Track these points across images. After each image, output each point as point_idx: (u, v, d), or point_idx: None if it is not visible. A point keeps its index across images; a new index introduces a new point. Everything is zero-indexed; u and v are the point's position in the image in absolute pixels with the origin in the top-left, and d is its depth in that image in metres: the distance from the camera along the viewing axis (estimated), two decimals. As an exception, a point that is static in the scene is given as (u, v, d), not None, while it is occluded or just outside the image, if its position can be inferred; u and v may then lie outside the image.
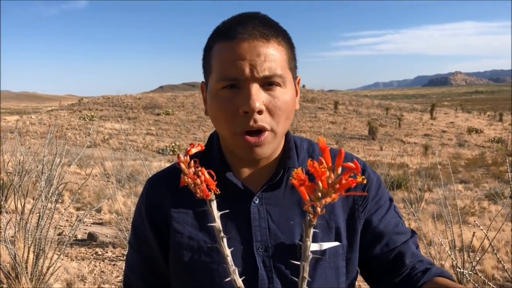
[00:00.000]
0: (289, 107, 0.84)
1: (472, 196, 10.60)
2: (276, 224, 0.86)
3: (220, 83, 0.81)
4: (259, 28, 0.81)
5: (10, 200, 5.30)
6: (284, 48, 0.84)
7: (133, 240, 0.97)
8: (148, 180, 0.98)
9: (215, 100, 0.83)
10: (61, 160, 4.09)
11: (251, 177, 0.90)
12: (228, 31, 0.82)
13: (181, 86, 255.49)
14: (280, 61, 0.82)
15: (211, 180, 0.58)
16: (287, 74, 0.83)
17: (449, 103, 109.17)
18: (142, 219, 0.93)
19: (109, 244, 5.28)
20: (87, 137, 24.19)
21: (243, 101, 0.79)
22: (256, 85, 0.80)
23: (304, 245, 0.53)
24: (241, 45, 0.79)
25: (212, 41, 0.85)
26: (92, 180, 9.92)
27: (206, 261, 0.86)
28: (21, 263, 3.45)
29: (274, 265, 0.84)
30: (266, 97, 0.81)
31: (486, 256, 4.81)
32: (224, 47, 0.81)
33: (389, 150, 25.15)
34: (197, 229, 0.87)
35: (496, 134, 33.80)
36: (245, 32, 0.80)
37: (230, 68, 0.80)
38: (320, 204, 0.50)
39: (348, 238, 0.90)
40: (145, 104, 38.24)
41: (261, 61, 0.79)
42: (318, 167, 0.48)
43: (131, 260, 0.98)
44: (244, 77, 0.79)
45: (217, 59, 0.82)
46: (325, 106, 41.26)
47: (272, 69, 0.80)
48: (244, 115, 0.80)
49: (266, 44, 0.80)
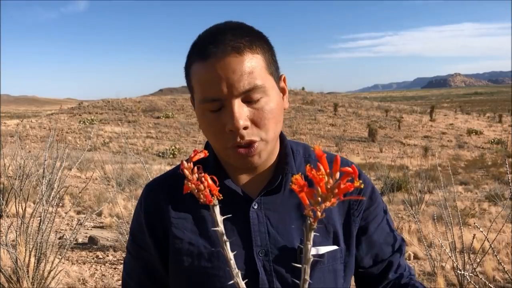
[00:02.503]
0: (275, 113, 0.84)
1: (472, 197, 10.60)
2: (275, 228, 0.88)
3: (203, 104, 0.82)
4: (231, 43, 0.80)
5: (11, 204, 5.30)
6: (261, 55, 0.83)
7: (131, 246, 0.97)
8: (146, 186, 0.97)
9: (203, 119, 0.84)
10: (62, 163, 4.10)
11: (248, 183, 0.92)
12: (202, 50, 0.81)
13: (181, 89, 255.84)
14: (258, 71, 0.81)
15: (214, 185, 0.60)
16: (268, 81, 0.83)
17: (449, 104, 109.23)
18: (140, 225, 0.93)
19: (110, 248, 5.29)
20: (87, 141, 24.20)
21: (227, 120, 0.80)
22: (237, 101, 0.79)
23: (305, 248, 0.55)
24: (215, 65, 0.79)
25: (189, 60, 0.85)
26: (93, 184, 9.93)
27: (206, 267, 0.86)
28: (22, 267, 3.46)
29: (275, 269, 0.86)
30: (249, 111, 0.81)
31: (486, 258, 4.82)
32: (200, 68, 0.81)
33: (389, 152, 25.17)
34: (197, 235, 0.88)
35: (495, 135, 33.82)
36: (217, 50, 0.79)
37: (209, 89, 0.80)
38: (320, 208, 0.52)
39: (345, 242, 0.92)
40: (144, 107, 38.26)
41: (238, 77, 0.78)
42: (316, 173, 0.50)
43: (129, 266, 0.98)
44: (223, 96, 0.79)
45: (196, 80, 0.83)
46: (324, 108, 41.29)
47: (251, 83, 0.79)
48: (230, 133, 0.80)
49: (240, 58, 0.79)
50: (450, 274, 4.76)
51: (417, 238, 5.99)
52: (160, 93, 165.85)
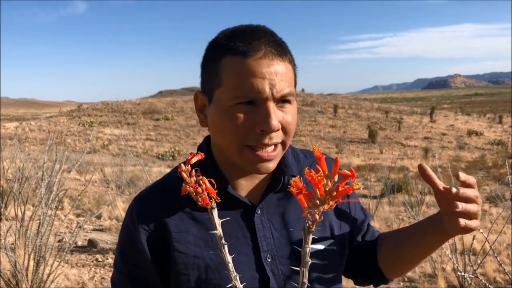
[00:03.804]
0: (295, 122, 0.87)
1: (473, 198, 10.57)
2: (278, 231, 0.88)
3: (236, 99, 0.80)
4: (273, 45, 0.81)
5: (10, 207, 5.30)
6: (291, 66, 0.85)
7: (121, 264, 0.90)
8: (135, 200, 0.91)
9: (227, 114, 0.81)
10: (61, 166, 4.10)
11: (248, 188, 0.91)
12: (241, 45, 0.80)
13: (180, 91, 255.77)
14: (291, 79, 0.83)
15: (212, 188, 0.59)
16: (294, 91, 0.85)
17: (449, 105, 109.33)
18: (133, 242, 0.87)
19: (109, 251, 5.27)
20: (87, 143, 24.20)
21: (261, 120, 0.79)
22: (272, 103, 0.80)
23: (303, 251, 0.54)
24: (259, 63, 0.79)
25: (220, 53, 0.83)
26: (92, 186, 9.92)
27: (215, 278, 0.84)
28: (21, 271, 3.45)
29: (282, 272, 0.86)
30: (280, 115, 0.82)
31: (487, 259, 4.81)
32: (239, 62, 0.80)
33: (389, 153, 25.17)
34: (200, 247, 0.86)
35: (496, 136, 33.84)
36: (261, 49, 0.79)
37: (249, 86, 0.79)
38: (318, 211, 0.51)
39: (339, 233, 0.95)
40: (144, 110, 38.30)
41: (279, 80, 0.80)
42: (315, 175, 0.49)
43: (119, 286, 0.91)
44: (264, 96, 0.79)
45: (231, 74, 0.80)
46: (324, 109, 41.33)
47: (287, 89, 0.81)
48: (261, 132, 0.80)
49: (282, 62, 0.81)
50: (451, 276, 4.75)
51: (418, 239, 5.98)
52: (160, 95, 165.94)
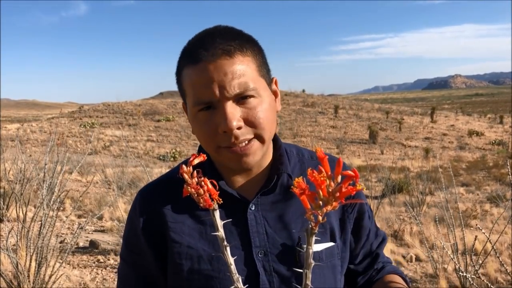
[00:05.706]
0: (268, 114, 0.85)
1: (474, 199, 10.57)
2: (273, 228, 0.89)
3: (196, 107, 0.84)
4: (221, 46, 0.81)
5: (12, 208, 5.30)
6: (251, 58, 0.84)
7: (126, 254, 0.96)
8: (139, 192, 0.97)
9: (195, 121, 0.86)
10: (62, 167, 4.10)
11: (244, 185, 0.93)
12: (192, 54, 0.83)
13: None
14: (249, 73, 0.83)
15: (214, 190, 0.59)
16: (260, 83, 0.85)
17: (449, 106, 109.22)
18: (135, 232, 0.92)
19: (111, 252, 5.27)
20: (88, 145, 24.23)
21: (220, 121, 0.81)
22: (229, 103, 0.81)
23: (306, 253, 0.54)
24: (207, 68, 0.80)
25: (180, 65, 0.87)
26: (93, 188, 9.93)
27: (206, 269, 0.87)
28: (23, 272, 3.45)
29: (274, 269, 0.87)
30: (242, 111, 0.82)
31: (488, 259, 4.80)
32: (191, 71, 0.83)
33: (390, 154, 25.14)
34: (195, 238, 0.88)
35: (496, 136, 33.77)
36: (208, 54, 0.81)
37: (201, 92, 0.82)
38: (321, 212, 0.51)
39: (341, 238, 0.95)
40: (145, 111, 38.29)
41: (229, 80, 0.80)
42: (318, 176, 0.49)
43: (124, 275, 0.97)
44: (216, 99, 0.81)
45: (188, 84, 0.85)
46: (325, 110, 41.29)
47: (242, 85, 0.81)
48: (224, 134, 0.82)
49: (230, 60, 0.81)
50: (452, 276, 4.74)
51: (419, 240, 5.98)
52: (161, 96, 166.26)
